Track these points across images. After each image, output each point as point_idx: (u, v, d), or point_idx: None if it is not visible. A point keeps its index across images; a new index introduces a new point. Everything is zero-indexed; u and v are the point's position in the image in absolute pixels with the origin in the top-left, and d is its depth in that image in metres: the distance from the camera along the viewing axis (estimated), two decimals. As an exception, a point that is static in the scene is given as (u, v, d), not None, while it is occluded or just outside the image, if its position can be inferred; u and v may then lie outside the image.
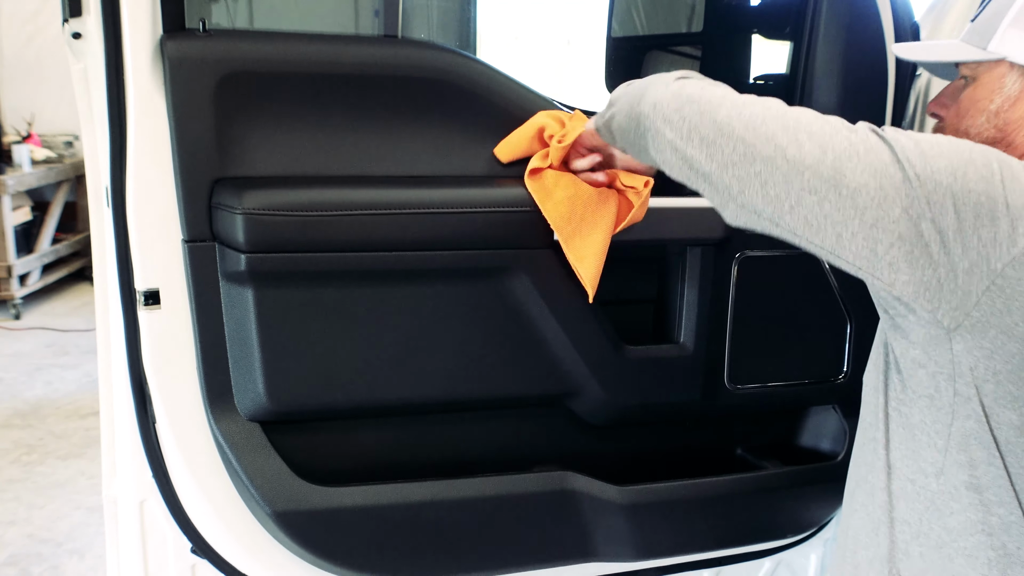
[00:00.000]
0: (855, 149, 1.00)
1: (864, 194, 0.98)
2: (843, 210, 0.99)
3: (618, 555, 1.64)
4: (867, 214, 0.98)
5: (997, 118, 1.15)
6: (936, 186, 0.97)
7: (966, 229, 0.96)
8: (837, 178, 0.99)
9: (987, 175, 0.97)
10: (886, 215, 0.97)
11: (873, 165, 0.98)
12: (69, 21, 1.43)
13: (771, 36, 1.94)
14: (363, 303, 1.43)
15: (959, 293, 0.98)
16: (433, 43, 1.49)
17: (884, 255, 0.99)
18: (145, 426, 1.48)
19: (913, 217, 0.97)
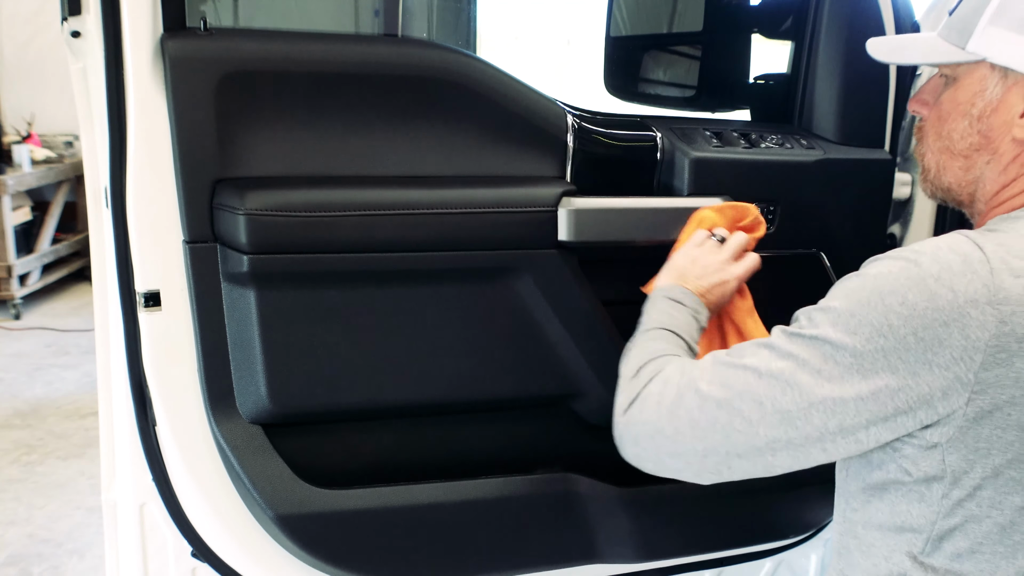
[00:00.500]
0: (777, 402, 0.98)
1: (814, 421, 0.97)
2: (806, 445, 0.99)
3: (620, 556, 1.64)
4: (828, 430, 0.97)
5: (980, 123, 1.09)
6: (871, 361, 0.95)
7: (920, 370, 0.93)
8: (784, 431, 0.98)
9: (906, 312, 0.93)
10: (845, 421, 0.96)
11: (806, 396, 0.97)
12: (68, 20, 1.43)
13: (772, 35, 1.94)
14: (366, 304, 1.43)
15: (943, 415, 0.95)
16: (434, 42, 1.49)
17: (867, 439, 0.98)
18: (145, 429, 1.47)
19: (866, 400, 0.95)
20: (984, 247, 0.95)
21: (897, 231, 1.83)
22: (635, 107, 2.05)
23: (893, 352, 0.93)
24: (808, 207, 1.64)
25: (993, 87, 1.07)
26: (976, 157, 1.10)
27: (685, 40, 2.18)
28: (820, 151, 1.66)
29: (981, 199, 1.12)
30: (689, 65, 2.12)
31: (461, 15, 3.19)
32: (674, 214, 1.56)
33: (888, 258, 1.00)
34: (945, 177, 1.15)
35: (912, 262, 0.96)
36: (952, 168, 1.13)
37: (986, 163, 1.09)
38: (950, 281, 0.92)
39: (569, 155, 1.53)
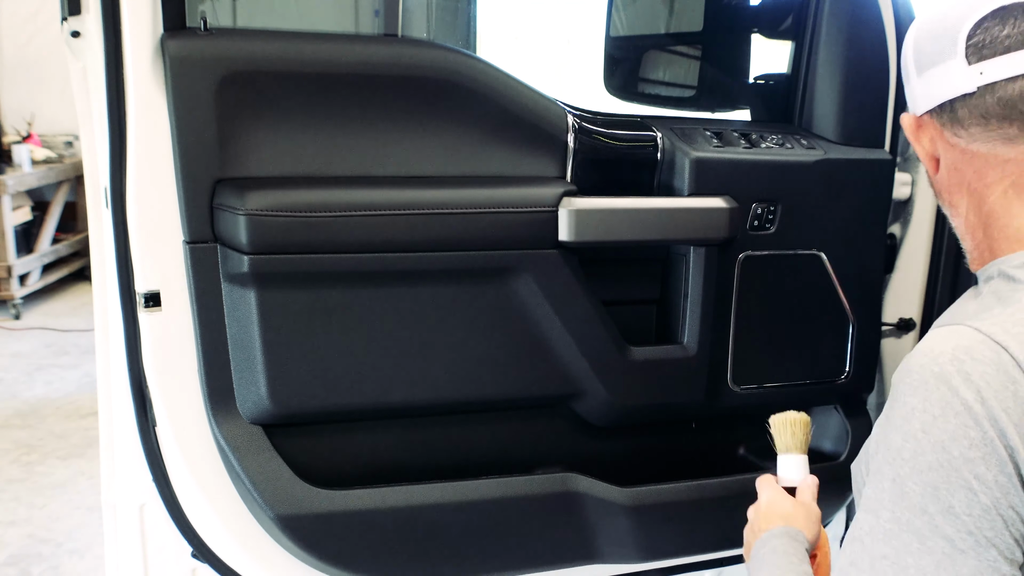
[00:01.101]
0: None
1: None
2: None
3: (621, 557, 1.64)
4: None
5: (926, 178, 1.10)
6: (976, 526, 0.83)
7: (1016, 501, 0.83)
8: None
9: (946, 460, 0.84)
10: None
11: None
12: (68, 19, 1.43)
13: (772, 35, 1.94)
14: (366, 304, 1.43)
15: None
16: (434, 42, 1.49)
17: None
18: (145, 429, 1.47)
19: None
20: (1007, 346, 0.86)
21: (897, 231, 1.83)
22: (635, 107, 2.05)
23: (1001, 502, 0.82)
24: (808, 207, 1.64)
25: (927, 144, 1.06)
26: (940, 200, 1.10)
27: (685, 40, 2.18)
28: (820, 151, 1.66)
29: (963, 237, 1.08)
30: (689, 65, 2.12)
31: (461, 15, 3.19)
32: (674, 214, 1.56)
33: (915, 395, 0.87)
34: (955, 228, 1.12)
35: (946, 390, 0.85)
36: (951, 219, 1.11)
37: (944, 205, 1.08)
38: (995, 399, 0.84)
39: (569, 155, 1.53)
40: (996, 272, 1.00)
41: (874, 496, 0.88)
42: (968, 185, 1.02)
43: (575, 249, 1.50)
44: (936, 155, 1.04)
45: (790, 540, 1.13)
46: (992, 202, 1.00)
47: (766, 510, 1.22)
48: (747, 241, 1.60)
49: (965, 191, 1.02)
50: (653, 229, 1.54)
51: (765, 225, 1.62)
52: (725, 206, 1.56)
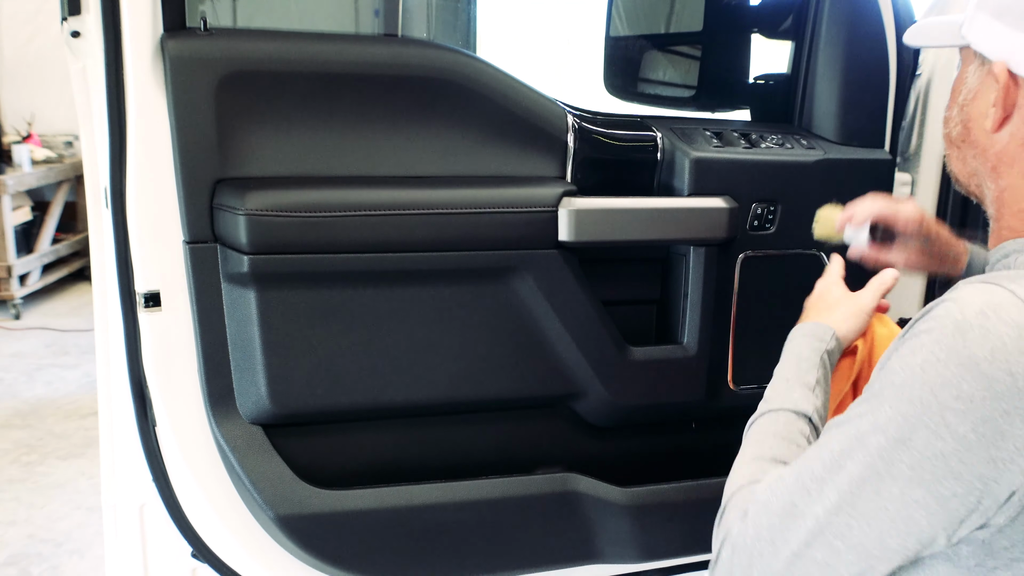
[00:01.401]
0: (847, 538, 0.89)
1: (890, 544, 0.88)
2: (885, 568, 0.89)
3: (622, 557, 1.64)
4: (908, 550, 0.88)
5: (963, 112, 1.04)
6: (930, 470, 0.85)
7: (984, 470, 0.84)
8: (861, 565, 0.89)
9: (962, 407, 0.84)
10: (921, 537, 0.87)
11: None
12: (68, 19, 1.43)
13: (772, 35, 1.94)
14: (366, 304, 1.43)
15: (1003, 505, 0.86)
16: (434, 42, 1.49)
17: (940, 545, 0.88)
18: (145, 429, 1.47)
19: (936, 513, 0.86)
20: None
21: (897, 231, 1.83)
22: (635, 107, 2.05)
23: (953, 455, 0.84)
24: (808, 207, 1.64)
25: (973, 75, 1.02)
26: (965, 148, 1.05)
27: (685, 40, 2.18)
28: (820, 151, 1.66)
29: (991, 205, 1.05)
30: (689, 65, 2.12)
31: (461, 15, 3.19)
32: (674, 214, 1.56)
33: (930, 333, 0.88)
34: (949, 164, 1.10)
35: (960, 339, 0.85)
36: (951, 156, 1.09)
37: (974, 158, 1.04)
38: (1006, 362, 0.83)
39: (569, 155, 1.53)
40: (1021, 247, 0.99)
41: (856, 404, 0.91)
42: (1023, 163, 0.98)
43: (575, 249, 1.50)
44: (1008, 117, 0.98)
45: (809, 341, 1.17)
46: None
47: (812, 300, 1.28)
48: (747, 241, 1.60)
49: (1018, 168, 0.99)
50: (653, 229, 1.54)
51: (765, 225, 1.62)
52: (725, 206, 1.56)
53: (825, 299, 1.26)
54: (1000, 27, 0.97)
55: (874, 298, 1.27)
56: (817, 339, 1.17)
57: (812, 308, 1.27)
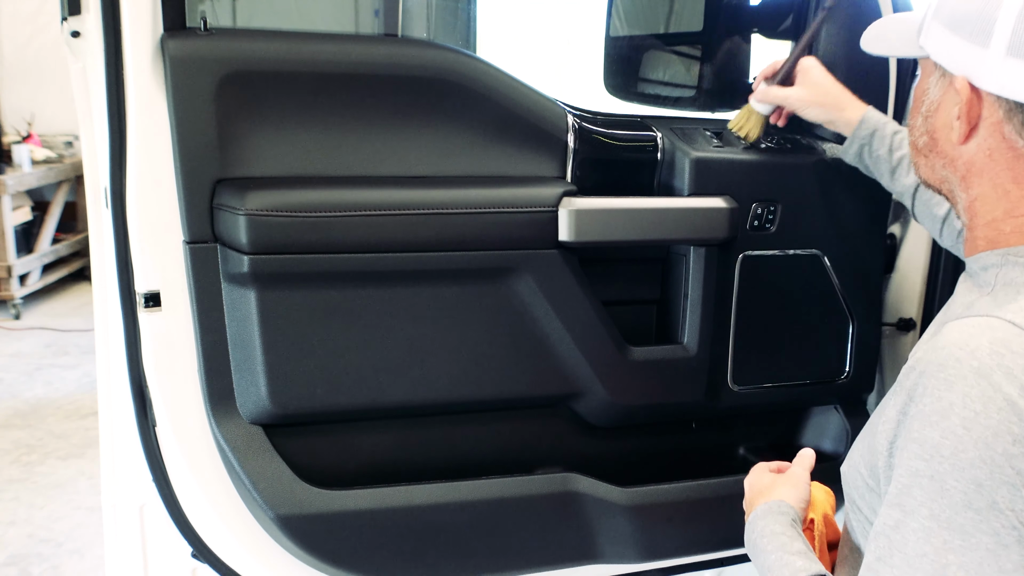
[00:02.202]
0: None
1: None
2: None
3: (621, 557, 1.64)
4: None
5: (927, 123, 1.02)
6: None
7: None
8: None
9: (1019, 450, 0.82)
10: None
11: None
12: (68, 19, 1.43)
13: (772, 35, 1.93)
14: (366, 304, 1.43)
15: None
16: (434, 42, 1.49)
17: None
18: (145, 429, 1.47)
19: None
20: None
21: (897, 231, 1.83)
22: (635, 107, 2.05)
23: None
24: (808, 207, 1.64)
25: (935, 86, 1.00)
26: (932, 158, 1.04)
27: (685, 40, 2.18)
28: (820, 151, 1.66)
29: (963, 212, 1.04)
30: (689, 65, 2.12)
31: (461, 15, 3.19)
32: (674, 214, 1.56)
33: (951, 389, 0.84)
34: (918, 171, 1.09)
35: (987, 385, 0.83)
36: (919, 164, 1.08)
37: (943, 168, 1.03)
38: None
39: (569, 155, 1.53)
40: (1001, 260, 0.98)
41: (905, 492, 0.86)
42: (994, 177, 0.97)
43: (575, 249, 1.50)
44: (974, 129, 0.96)
45: (775, 516, 1.12)
46: (1015, 200, 0.96)
47: (748, 494, 1.23)
48: (747, 241, 1.60)
49: (988, 179, 0.98)
50: (653, 229, 1.54)
51: (765, 225, 1.62)
52: (725, 206, 1.56)
53: (759, 487, 1.23)
54: (957, 40, 0.95)
55: (802, 467, 1.24)
56: (779, 513, 1.13)
57: (755, 498, 1.22)
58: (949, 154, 1.01)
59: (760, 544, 1.10)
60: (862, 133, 1.51)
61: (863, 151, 1.52)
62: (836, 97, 1.53)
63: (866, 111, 1.51)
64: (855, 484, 1.06)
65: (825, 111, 1.53)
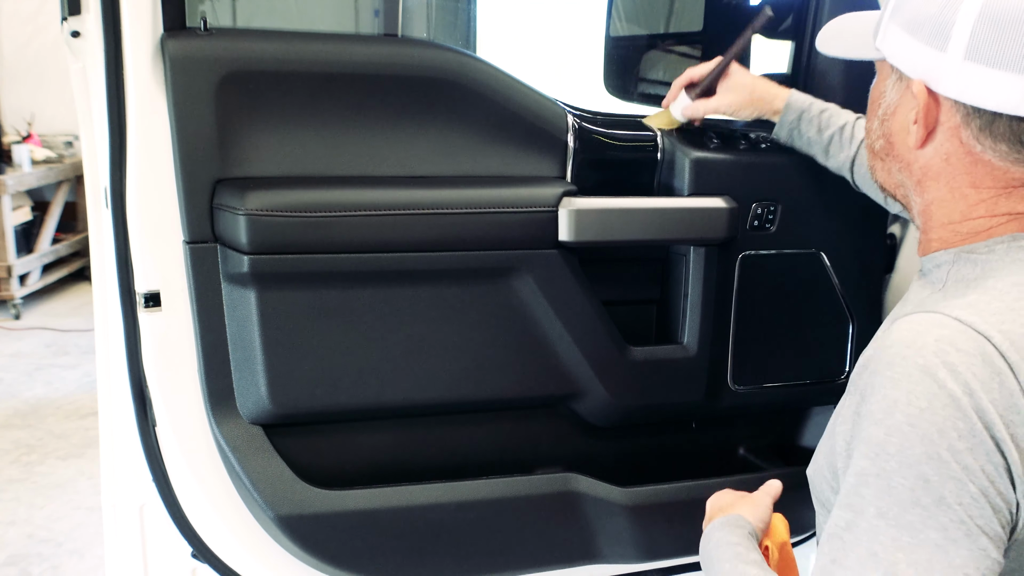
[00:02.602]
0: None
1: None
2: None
3: (622, 557, 1.64)
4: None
5: (884, 126, 1.02)
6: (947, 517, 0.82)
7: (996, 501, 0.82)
8: None
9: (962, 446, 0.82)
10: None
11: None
12: (68, 19, 1.43)
13: (772, 35, 1.93)
14: (366, 304, 1.43)
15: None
16: (434, 42, 1.49)
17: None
18: (145, 429, 1.47)
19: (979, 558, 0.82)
20: (991, 337, 0.85)
21: (897, 231, 1.83)
22: (635, 107, 2.05)
23: (990, 489, 0.82)
24: (808, 207, 1.64)
25: (892, 88, 0.99)
26: (889, 162, 1.03)
27: (685, 40, 2.18)
28: (820, 151, 1.66)
29: (917, 216, 1.04)
30: (689, 65, 2.12)
31: (461, 15, 3.19)
32: (674, 214, 1.56)
33: (897, 386, 0.85)
34: (874, 175, 1.08)
35: (932, 382, 0.83)
36: (875, 168, 1.07)
37: (899, 171, 1.02)
38: (984, 391, 0.82)
39: (569, 155, 1.53)
40: (953, 258, 0.98)
41: (854, 492, 0.86)
42: (951, 180, 0.97)
43: (575, 249, 1.50)
44: (931, 133, 0.95)
45: (731, 528, 1.11)
46: (973, 203, 0.96)
47: (708, 512, 1.22)
48: (747, 241, 1.60)
49: (944, 183, 0.97)
50: (653, 229, 1.54)
51: (765, 225, 1.62)
52: (725, 206, 1.56)
53: (720, 504, 1.22)
54: (915, 43, 0.93)
55: (768, 495, 1.24)
56: (736, 526, 1.12)
57: (713, 515, 1.21)
58: (905, 158, 1.00)
59: (715, 554, 1.08)
60: (789, 118, 1.54)
61: (793, 135, 1.56)
62: (762, 92, 1.56)
63: (789, 96, 1.54)
64: (820, 487, 1.06)
65: (755, 109, 1.56)
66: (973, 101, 0.90)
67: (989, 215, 0.96)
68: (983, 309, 0.88)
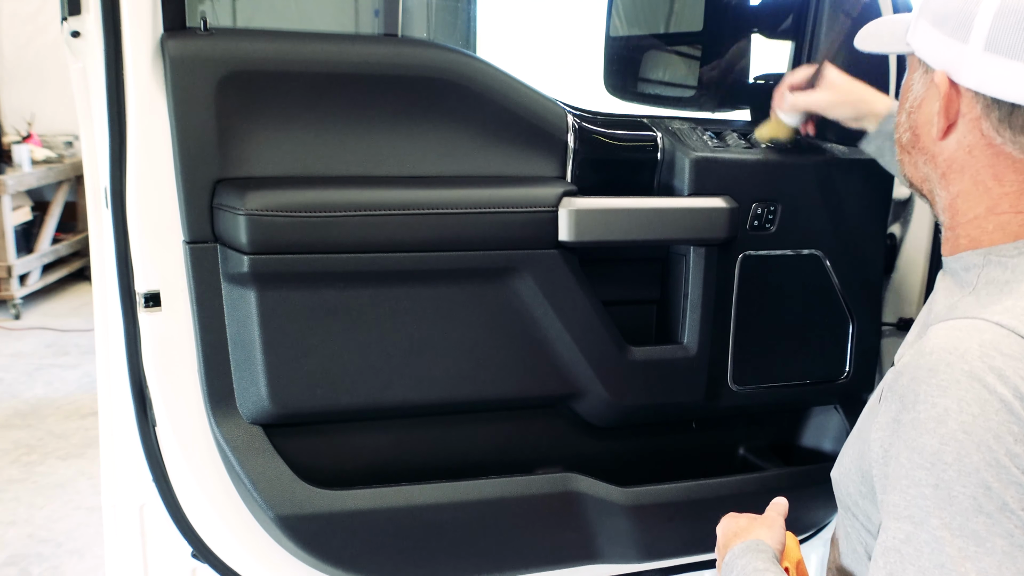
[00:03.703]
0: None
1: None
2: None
3: (622, 557, 1.64)
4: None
5: (911, 118, 1.03)
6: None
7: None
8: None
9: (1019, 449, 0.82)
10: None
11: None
12: (68, 19, 1.43)
13: (772, 35, 1.94)
14: (366, 304, 1.43)
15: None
16: (434, 42, 1.49)
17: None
18: (145, 429, 1.47)
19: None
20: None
21: (897, 231, 1.83)
22: (635, 107, 2.05)
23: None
24: (808, 207, 1.64)
25: (919, 81, 1.01)
26: (915, 154, 1.04)
27: (685, 40, 2.18)
28: (820, 151, 1.66)
29: (943, 212, 1.04)
30: (689, 65, 2.12)
31: (461, 15, 3.19)
32: (674, 214, 1.56)
33: (946, 395, 0.84)
34: (903, 169, 1.09)
35: (981, 388, 0.83)
36: (904, 161, 1.08)
37: (924, 164, 1.03)
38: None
39: (569, 155, 1.53)
40: (983, 260, 0.98)
41: (910, 504, 0.84)
42: (975, 174, 0.97)
43: (575, 249, 1.50)
44: (953, 125, 0.97)
45: (756, 554, 1.10)
46: (996, 197, 0.97)
47: (722, 539, 1.20)
48: (747, 241, 1.60)
49: (968, 176, 0.98)
50: (653, 229, 1.54)
51: (765, 225, 1.62)
52: (725, 206, 1.56)
53: (734, 529, 1.21)
54: (940, 36, 0.96)
55: (780, 514, 1.23)
56: (759, 551, 1.11)
57: (730, 540, 1.20)
58: (930, 150, 1.01)
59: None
60: (888, 127, 1.48)
61: (886, 144, 1.50)
62: (860, 93, 1.53)
63: (892, 104, 1.50)
64: (847, 491, 1.06)
65: (853, 107, 1.52)
66: (992, 92, 0.92)
67: (1013, 211, 0.96)
68: (1021, 313, 0.88)
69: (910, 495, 0.85)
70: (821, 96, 1.54)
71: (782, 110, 1.59)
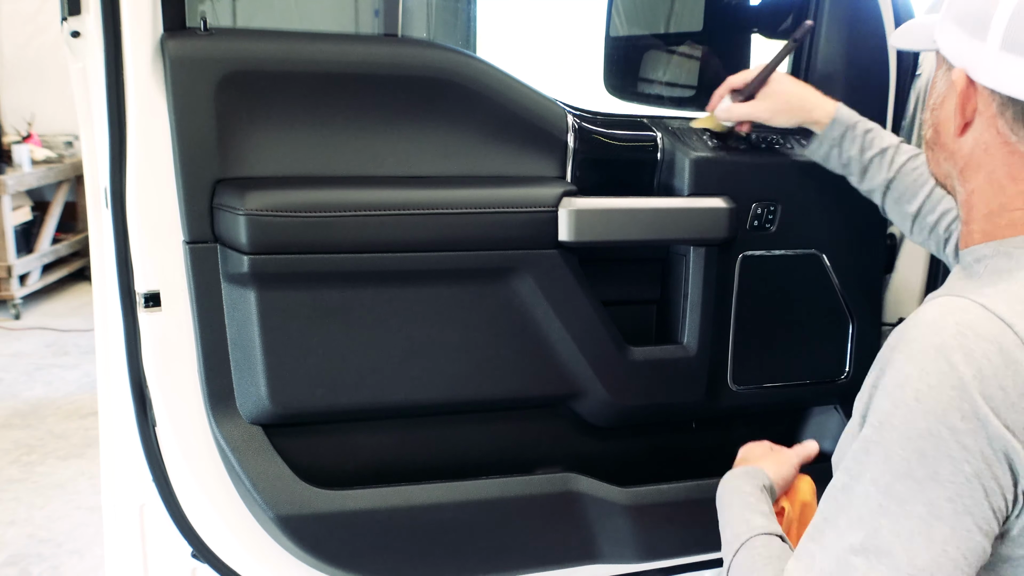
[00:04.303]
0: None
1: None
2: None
3: (621, 557, 1.64)
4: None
5: (933, 116, 1.05)
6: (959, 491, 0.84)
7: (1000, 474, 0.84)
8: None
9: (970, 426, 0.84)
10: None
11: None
12: (68, 19, 1.43)
13: (772, 35, 1.94)
14: (366, 304, 1.43)
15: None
16: (434, 42, 1.49)
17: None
18: (145, 429, 1.47)
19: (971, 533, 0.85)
20: (1013, 325, 0.86)
21: (897, 231, 1.83)
22: (635, 107, 2.05)
23: (985, 472, 0.83)
24: (808, 207, 1.64)
25: (942, 79, 1.03)
26: (937, 151, 1.06)
27: (685, 40, 2.18)
28: (820, 151, 1.65)
29: (961, 207, 1.06)
30: (689, 65, 2.12)
31: (461, 15, 3.19)
32: (674, 214, 1.56)
33: (912, 361, 0.87)
34: (929, 166, 1.11)
35: (944, 363, 0.85)
36: (928, 158, 1.10)
37: (945, 161, 1.05)
38: (995, 378, 0.84)
39: (569, 155, 1.53)
40: (992, 252, 1.00)
41: (855, 457, 0.89)
42: (991, 172, 0.99)
43: (575, 249, 1.50)
44: (970, 123, 0.99)
45: (747, 478, 1.16)
46: (1011, 194, 0.98)
47: (737, 459, 1.28)
48: (747, 241, 1.60)
49: (984, 173, 1.00)
50: (653, 229, 1.54)
51: (765, 225, 1.62)
52: (725, 206, 1.56)
53: (751, 455, 1.29)
54: (961, 34, 0.98)
55: (797, 455, 1.28)
56: (752, 477, 1.18)
57: (741, 462, 1.28)
58: (950, 147, 1.03)
59: (726, 499, 1.15)
60: (833, 134, 1.49)
61: (832, 151, 1.51)
62: (801, 100, 1.51)
63: (837, 110, 1.50)
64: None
65: (794, 116, 1.52)
66: (1007, 90, 0.94)
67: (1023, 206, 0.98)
68: (1010, 298, 0.90)
69: (856, 450, 0.89)
70: (758, 107, 1.53)
71: (719, 116, 1.57)
